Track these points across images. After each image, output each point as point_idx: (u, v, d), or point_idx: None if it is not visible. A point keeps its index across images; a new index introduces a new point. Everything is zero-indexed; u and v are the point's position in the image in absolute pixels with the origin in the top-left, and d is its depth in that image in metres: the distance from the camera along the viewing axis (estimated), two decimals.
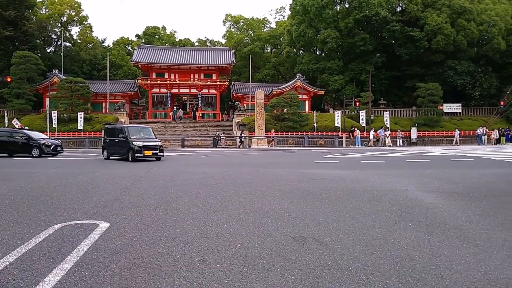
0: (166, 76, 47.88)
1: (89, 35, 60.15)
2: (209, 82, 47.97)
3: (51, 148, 20.55)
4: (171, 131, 40.05)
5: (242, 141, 34.59)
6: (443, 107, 43.23)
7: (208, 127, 41.88)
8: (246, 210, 6.20)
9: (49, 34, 56.11)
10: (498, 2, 47.51)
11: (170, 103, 47.98)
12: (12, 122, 36.00)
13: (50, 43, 57.85)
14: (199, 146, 34.82)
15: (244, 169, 12.87)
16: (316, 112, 42.06)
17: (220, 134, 36.11)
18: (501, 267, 3.72)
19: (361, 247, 4.27)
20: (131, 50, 65.42)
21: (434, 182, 9.34)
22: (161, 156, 17.16)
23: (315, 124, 37.09)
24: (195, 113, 45.67)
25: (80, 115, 36.25)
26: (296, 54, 57.48)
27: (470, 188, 8.44)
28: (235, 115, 42.18)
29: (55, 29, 56.41)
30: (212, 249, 4.20)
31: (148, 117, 47.41)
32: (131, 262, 3.79)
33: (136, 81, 48.40)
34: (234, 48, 56.23)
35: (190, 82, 47.65)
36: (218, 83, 48.16)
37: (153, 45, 56.59)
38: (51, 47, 57.92)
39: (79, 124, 35.98)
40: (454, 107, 45.81)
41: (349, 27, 45.41)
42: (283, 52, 60.08)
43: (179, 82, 47.50)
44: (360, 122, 38.04)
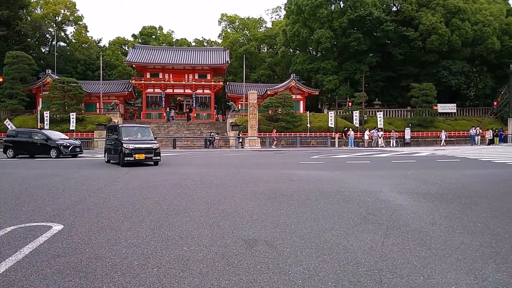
0: (161, 76, 47.74)
1: (84, 35, 59.99)
2: (203, 82, 47.85)
3: (69, 149, 19.78)
4: (165, 132, 39.90)
5: (241, 141, 34.46)
6: (438, 108, 43.13)
7: (202, 128, 41.75)
8: (209, 212, 6.11)
9: (43, 34, 55.91)
10: (493, 1, 47.43)
11: (164, 103, 47.84)
12: (4, 122, 35.81)
13: (45, 43, 57.66)
14: (191, 147, 34.70)
15: (225, 170, 12.77)
16: (312, 112, 41.99)
17: (214, 134, 35.98)
18: (446, 271, 3.63)
19: (309, 250, 4.17)
20: (127, 50, 65.21)
21: (412, 183, 9.25)
22: (157, 161, 15.09)
23: (309, 125, 36.99)
24: (189, 114, 45.51)
25: (72, 116, 36.06)
26: (292, 54, 57.39)
27: (445, 189, 8.35)
28: (229, 115, 42.07)
29: (50, 29, 56.23)
30: (157, 252, 4.10)
31: (143, 117, 47.26)
32: (67, 266, 3.69)
33: (130, 81, 48.24)
34: (230, 48, 56.09)
35: (184, 82, 47.51)
36: (213, 83, 48.04)
37: (148, 45, 56.41)
38: (46, 47, 57.74)
39: (71, 124, 35.76)
40: (449, 107, 45.73)
41: (343, 27, 45.30)
42: (278, 52, 59.99)
43: (173, 82, 47.36)
44: (353, 123, 37.95)
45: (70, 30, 60.52)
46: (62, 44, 58.58)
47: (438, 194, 7.81)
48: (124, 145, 14.44)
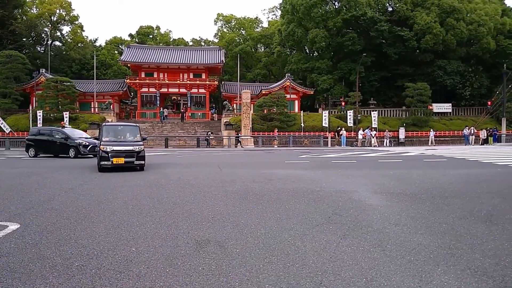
0: (155, 75, 47.59)
1: (79, 34, 59.81)
2: (198, 82, 47.70)
3: (88, 149, 18.97)
4: (159, 131, 39.78)
5: (239, 140, 34.35)
6: (433, 107, 43.03)
7: (197, 127, 41.62)
8: (173, 212, 6.02)
9: (39, 33, 55.68)
10: (488, 1, 47.35)
11: (159, 102, 47.71)
12: None
13: (41, 42, 57.44)
14: (184, 146, 34.57)
15: (208, 169, 12.67)
16: (307, 112, 41.88)
17: (210, 134, 35.88)
18: (393, 273, 3.54)
19: (259, 251, 4.09)
20: (123, 49, 65.00)
21: (390, 183, 9.17)
22: (141, 165, 12.73)
23: (302, 124, 36.88)
24: (183, 113, 45.35)
25: (66, 115, 35.94)
26: (287, 53, 57.27)
27: (422, 189, 8.27)
28: (223, 114, 41.96)
29: (45, 28, 56.04)
30: (103, 253, 4.01)
31: (137, 116, 47.13)
32: (7, 266, 3.61)
33: (125, 80, 48.06)
34: (226, 47, 55.96)
35: (179, 82, 47.37)
36: (208, 82, 47.90)
37: (143, 44, 56.27)
38: (42, 47, 57.53)
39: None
40: (444, 107, 45.66)
41: (338, 27, 45.19)
42: (274, 52, 59.87)
43: (168, 82, 47.21)
44: (347, 122, 37.85)
45: (65, 29, 60.31)
46: (58, 43, 58.44)
47: (413, 194, 7.74)
48: (102, 146, 12.30)
